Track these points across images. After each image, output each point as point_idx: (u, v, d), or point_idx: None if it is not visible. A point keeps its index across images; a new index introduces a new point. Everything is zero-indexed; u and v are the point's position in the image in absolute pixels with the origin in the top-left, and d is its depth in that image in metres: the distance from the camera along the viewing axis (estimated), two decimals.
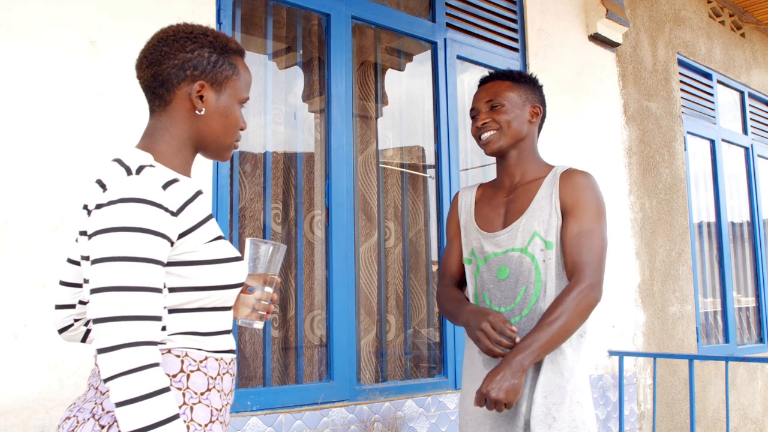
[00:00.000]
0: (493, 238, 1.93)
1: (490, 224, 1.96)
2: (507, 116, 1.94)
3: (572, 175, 1.89)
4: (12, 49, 2.13)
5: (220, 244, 1.28)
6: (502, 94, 1.96)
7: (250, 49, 3.08)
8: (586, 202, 1.85)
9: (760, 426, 5.50)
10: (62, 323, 1.41)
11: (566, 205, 1.86)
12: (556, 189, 1.88)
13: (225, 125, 1.34)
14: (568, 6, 4.22)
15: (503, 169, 2.02)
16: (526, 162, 1.98)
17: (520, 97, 1.97)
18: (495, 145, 1.96)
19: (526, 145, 1.98)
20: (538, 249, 1.86)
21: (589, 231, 1.82)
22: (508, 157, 1.99)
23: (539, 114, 2.01)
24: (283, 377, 2.99)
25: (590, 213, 1.84)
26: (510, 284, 1.88)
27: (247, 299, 1.42)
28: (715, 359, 3.37)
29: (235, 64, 1.35)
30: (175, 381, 1.21)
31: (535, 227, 1.86)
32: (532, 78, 2.04)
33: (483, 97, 1.99)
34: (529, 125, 1.98)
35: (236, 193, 2.87)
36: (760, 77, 6.17)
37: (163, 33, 1.34)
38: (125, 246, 1.12)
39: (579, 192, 1.86)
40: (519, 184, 1.97)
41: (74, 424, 1.22)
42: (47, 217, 2.14)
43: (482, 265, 1.95)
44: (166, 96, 1.31)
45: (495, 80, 2.01)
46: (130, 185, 1.16)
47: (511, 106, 1.95)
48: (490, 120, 1.95)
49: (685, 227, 4.92)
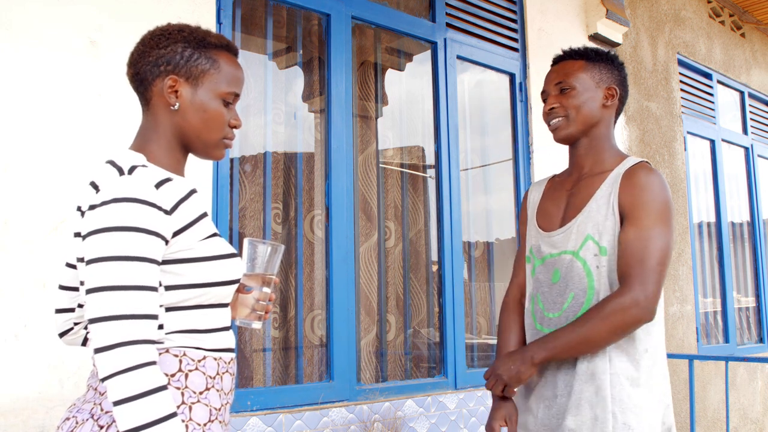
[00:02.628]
0: (549, 237, 1.78)
1: (549, 221, 1.81)
2: (576, 100, 1.75)
3: (636, 172, 1.68)
4: (12, 49, 2.13)
5: (215, 241, 1.28)
6: (573, 75, 1.77)
7: (250, 49, 3.08)
8: (646, 204, 1.64)
9: (760, 426, 5.50)
10: (62, 327, 1.41)
11: (625, 208, 1.66)
12: (616, 188, 1.69)
13: (204, 120, 1.31)
14: (568, 6, 4.22)
15: (573, 159, 1.84)
16: (598, 151, 1.79)
17: (594, 78, 1.78)
18: (562, 132, 1.78)
19: (599, 132, 1.79)
20: (590, 254, 1.68)
21: (646, 237, 1.61)
22: (578, 145, 1.81)
23: (616, 96, 1.79)
24: (283, 377, 2.99)
25: (650, 217, 1.63)
26: (560, 289, 1.73)
27: (245, 299, 1.42)
28: (715, 359, 3.37)
29: (215, 59, 1.32)
30: (174, 380, 1.21)
31: (589, 230, 1.69)
32: (610, 56, 1.83)
33: (553, 79, 1.81)
34: (602, 110, 1.78)
35: (236, 193, 2.87)
36: (760, 77, 6.17)
37: (145, 34, 1.35)
38: (119, 245, 1.13)
39: (639, 192, 1.65)
40: (586, 175, 1.79)
41: (73, 424, 1.22)
42: (47, 217, 2.14)
43: (539, 266, 1.80)
44: (146, 94, 1.33)
45: (567, 60, 1.82)
46: (123, 185, 1.17)
47: (583, 89, 1.76)
48: (558, 105, 1.77)
49: (685, 227, 4.92)
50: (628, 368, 1.64)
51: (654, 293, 1.59)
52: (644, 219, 1.63)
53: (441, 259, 3.42)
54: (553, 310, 1.74)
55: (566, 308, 1.71)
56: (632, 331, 1.63)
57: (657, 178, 1.68)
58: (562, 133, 1.79)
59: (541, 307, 1.78)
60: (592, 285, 1.67)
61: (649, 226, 1.63)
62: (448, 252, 3.39)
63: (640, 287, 1.58)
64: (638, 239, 1.62)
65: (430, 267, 3.56)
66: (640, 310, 1.58)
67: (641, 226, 1.63)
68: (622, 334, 1.61)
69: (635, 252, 1.61)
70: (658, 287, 1.60)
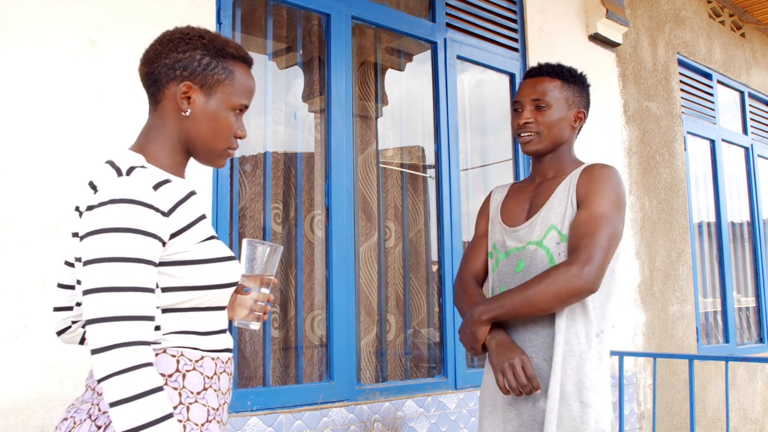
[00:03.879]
0: (515, 232, 1.90)
1: (514, 219, 1.93)
2: (550, 119, 1.87)
3: (592, 167, 1.84)
4: (12, 49, 2.13)
5: (213, 243, 1.28)
6: (549, 93, 1.87)
7: (250, 49, 3.08)
8: (599, 191, 1.77)
9: (760, 426, 5.50)
10: (60, 325, 1.41)
11: (580, 196, 1.80)
12: (575, 181, 1.83)
13: (213, 129, 1.31)
14: (568, 6, 4.22)
15: (537, 168, 1.97)
16: (560, 162, 1.93)
17: (567, 100, 1.89)
18: (532, 147, 1.90)
19: (564, 149, 1.93)
20: (553, 242, 1.80)
21: (597, 218, 1.74)
22: (544, 159, 1.94)
23: (583, 119, 1.93)
24: (283, 377, 2.99)
25: (603, 201, 1.76)
26: (523, 277, 1.83)
27: (243, 300, 1.41)
28: (715, 359, 3.37)
29: (231, 69, 1.32)
30: (171, 381, 1.21)
31: (552, 220, 1.82)
32: (581, 77, 1.94)
33: (529, 93, 1.90)
34: (570, 130, 1.91)
35: (236, 193, 2.87)
36: (760, 77, 6.17)
37: (164, 34, 1.34)
38: (116, 246, 1.12)
39: (595, 182, 1.79)
40: (548, 179, 1.93)
41: (71, 425, 1.22)
42: (47, 217, 2.14)
43: (503, 259, 1.91)
44: (157, 95, 1.32)
45: (545, 76, 1.91)
46: (121, 186, 1.16)
47: (557, 109, 1.87)
48: (533, 121, 1.88)
49: (685, 227, 4.92)
50: (584, 350, 1.75)
51: (598, 266, 1.70)
52: (595, 203, 1.76)
53: (441, 259, 3.42)
54: None
55: None
56: (574, 301, 1.73)
57: (612, 171, 1.82)
58: (532, 148, 1.91)
59: None
60: None
61: (600, 209, 1.75)
62: (448, 252, 3.39)
63: (585, 258, 1.69)
64: (588, 219, 1.75)
65: (430, 267, 3.56)
66: (583, 279, 1.68)
67: (591, 209, 1.76)
68: (565, 300, 1.71)
69: (583, 229, 1.74)
70: (602, 262, 1.71)
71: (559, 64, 1.94)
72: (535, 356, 1.79)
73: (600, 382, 1.77)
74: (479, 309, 1.76)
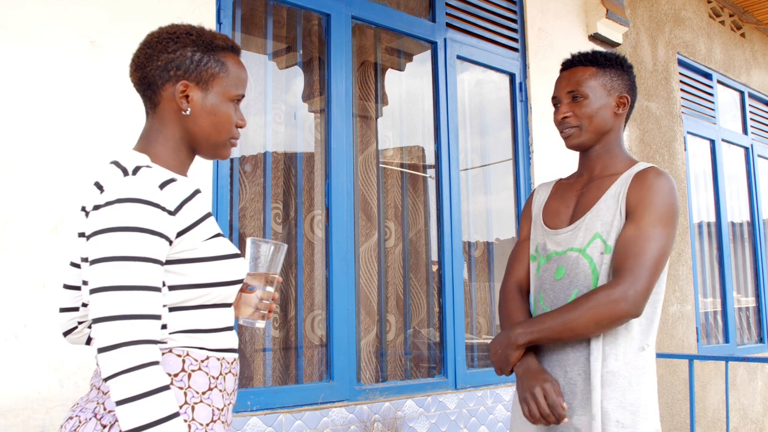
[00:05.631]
0: (556, 236, 1.79)
1: (557, 220, 1.82)
2: (589, 109, 1.76)
3: (646, 174, 1.70)
4: (12, 49, 2.13)
5: (219, 241, 1.28)
6: (584, 83, 1.77)
7: (250, 49, 3.08)
8: (650, 204, 1.65)
9: (760, 426, 5.50)
10: (66, 326, 1.41)
11: (630, 206, 1.67)
12: (625, 188, 1.70)
13: (215, 123, 1.32)
14: (568, 6, 4.22)
15: (583, 162, 1.86)
16: (609, 156, 1.81)
17: (605, 86, 1.78)
18: (575, 141, 1.80)
19: (610, 138, 1.81)
20: (597, 252, 1.69)
21: (645, 236, 1.62)
22: (590, 151, 1.83)
23: (627, 104, 1.81)
24: (283, 377, 2.99)
25: (652, 216, 1.64)
26: (564, 286, 1.73)
27: (248, 299, 1.43)
28: (715, 359, 3.37)
29: (223, 61, 1.33)
30: (177, 380, 1.21)
31: (598, 228, 1.70)
32: (620, 60, 1.82)
33: (564, 86, 1.81)
34: (614, 117, 1.79)
35: (236, 193, 2.87)
36: (760, 77, 6.18)
37: (149, 36, 1.34)
38: (123, 246, 1.13)
39: (646, 192, 1.66)
40: (596, 177, 1.81)
41: (76, 423, 1.22)
42: (47, 217, 2.14)
43: (544, 264, 1.81)
44: (154, 98, 1.32)
45: (578, 66, 1.82)
46: (127, 186, 1.17)
47: (595, 98, 1.77)
48: (571, 114, 1.78)
49: (685, 227, 4.92)
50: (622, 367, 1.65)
51: (644, 289, 1.60)
52: (646, 218, 1.64)
53: (441, 259, 3.42)
54: (556, 305, 1.74)
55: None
56: (617, 326, 1.63)
57: (666, 181, 1.69)
58: (575, 141, 1.80)
59: (542, 303, 1.78)
60: (596, 282, 1.68)
61: (650, 224, 1.63)
62: (448, 252, 3.39)
63: (630, 281, 1.58)
64: (636, 236, 1.63)
65: (430, 267, 3.56)
66: (627, 304, 1.58)
67: (641, 224, 1.64)
68: (606, 326, 1.61)
69: (631, 247, 1.62)
70: (649, 284, 1.61)
71: (594, 51, 1.84)
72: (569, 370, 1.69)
73: (643, 402, 1.64)
74: (516, 332, 1.66)
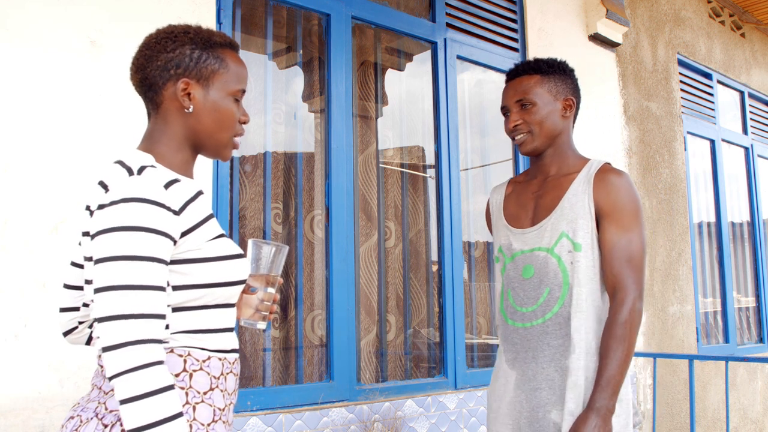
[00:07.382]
0: (522, 235, 1.86)
1: (519, 220, 1.90)
2: (538, 116, 1.85)
3: (607, 175, 1.80)
4: (12, 49, 2.13)
5: (223, 241, 1.29)
6: (531, 91, 1.86)
7: (250, 49, 3.08)
8: (624, 206, 1.77)
9: (760, 426, 5.50)
10: (67, 326, 1.41)
11: (602, 209, 1.77)
12: (590, 189, 1.79)
13: (217, 120, 1.32)
14: (568, 6, 4.22)
15: (537, 165, 1.94)
16: (562, 157, 1.90)
17: (551, 91, 1.87)
18: (529, 147, 1.88)
19: (562, 140, 1.90)
20: (565, 250, 1.78)
21: (629, 239, 1.75)
22: (544, 155, 1.91)
23: (573, 106, 1.90)
24: (283, 377, 2.99)
25: (629, 217, 1.76)
26: (534, 284, 1.81)
27: (249, 300, 1.43)
28: (715, 359, 3.37)
29: (222, 57, 1.33)
30: (178, 380, 1.21)
31: (563, 227, 1.79)
32: (562, 65, 1.92)
33: (512, 96, 1.89)
34: (563, 120, 1.89)
35: (236, 193, 2.87)
36: (760, 77, 6.18)
37: (148, 38, 1.35)
38: (128, 245, 1.13)
39: (615, 194, 1.77)
40: (552, 178, 1.89)
41: (77, 423, 1.22)
42: (47, 217, 2.14)
43: (509, 263, 1.88)
44: (155, 98, 1.32)
45: (523, 75, 1.90)
46: (132, 185, 1.17)
47: (543, 104, 1.86)
48: (522, 122, 1.87)
49: (685, 227, 4.92)
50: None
51: (642, 291, 1.76)
52: (624, 220, 1.77)
53: (441, 259, 3.42)
54: (527, 304, 1.83)
55: (542, 302, 1.80)
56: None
57: (628, 179, 1.81)
58: (528, 147, 1.89)
59: (512, 302, 1.87)
60: (567, 280, 1.78)
61: (630, 227, 1.77)
62: (448, 252, 3.39)
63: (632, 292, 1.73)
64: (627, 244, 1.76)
65: (430, 267, 3.56)
66: (639, 311, 1.74)
67: (622, 227, 1.76)
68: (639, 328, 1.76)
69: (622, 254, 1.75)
70: (643, 283, 1.77)
71: (536, 59, 1.93)
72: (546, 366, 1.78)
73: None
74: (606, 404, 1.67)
